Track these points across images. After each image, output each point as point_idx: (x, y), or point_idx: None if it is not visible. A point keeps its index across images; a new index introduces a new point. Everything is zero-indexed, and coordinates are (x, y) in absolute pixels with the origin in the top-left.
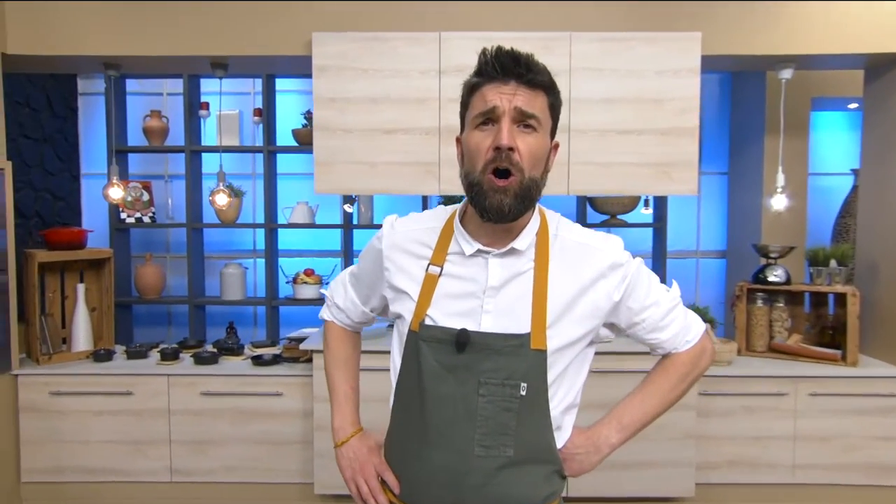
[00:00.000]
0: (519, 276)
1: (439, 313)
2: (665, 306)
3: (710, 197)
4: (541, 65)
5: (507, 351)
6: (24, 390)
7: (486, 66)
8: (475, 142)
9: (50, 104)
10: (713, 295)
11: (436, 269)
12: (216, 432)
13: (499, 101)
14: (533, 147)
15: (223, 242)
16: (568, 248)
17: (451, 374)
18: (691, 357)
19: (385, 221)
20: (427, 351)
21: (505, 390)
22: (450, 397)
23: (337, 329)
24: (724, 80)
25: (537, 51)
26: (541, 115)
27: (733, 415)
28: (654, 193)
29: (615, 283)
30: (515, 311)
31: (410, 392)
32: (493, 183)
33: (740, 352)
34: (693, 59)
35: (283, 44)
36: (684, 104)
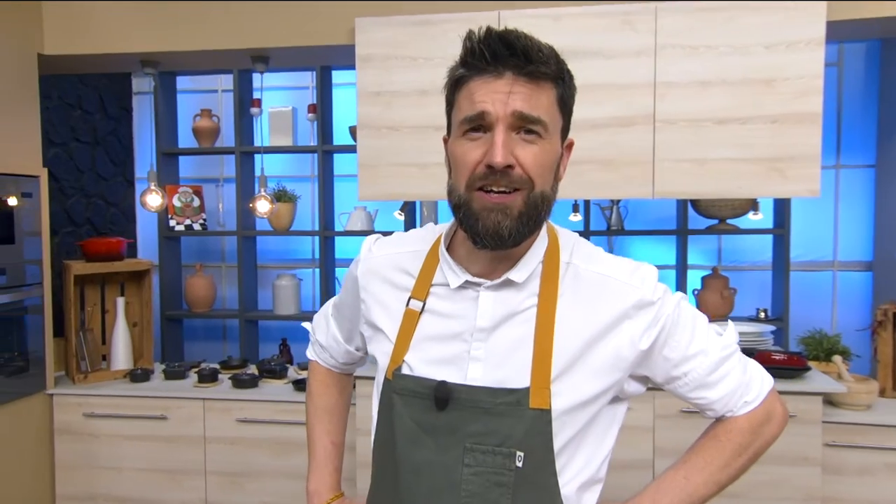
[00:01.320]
0: (517, 315)
1: (418, 359)
2: (714, 356)
3: (851, 196)
4: (545, 48)
5: (500, 410)
6: (60, 411)
7: (473, 56)
8: (461, 152)
9: (103, 105)
10: (855, 318)
11: (417, 303)
12: (254, 463)
13: (490, 105)
14: (539, 158)
15: (279, 251)
16: (583, 279)
17: (430, 436)
18: (752, 423)
19: (364, 243)
20: (401, 407)
21: (496, 459)
22: (427, 466)
23: (321, 370)
24: (871, 51)
25: (614, 27)
26: (547, 118)
27: (872, 474)
28: (762, 195)
29: (643, 326)
30: (512, 360)
31: (385, 455)
32: (485, 200)
33: (883, 393)
34: (816, 27)
35: (326, 33)
36: (804, 84)
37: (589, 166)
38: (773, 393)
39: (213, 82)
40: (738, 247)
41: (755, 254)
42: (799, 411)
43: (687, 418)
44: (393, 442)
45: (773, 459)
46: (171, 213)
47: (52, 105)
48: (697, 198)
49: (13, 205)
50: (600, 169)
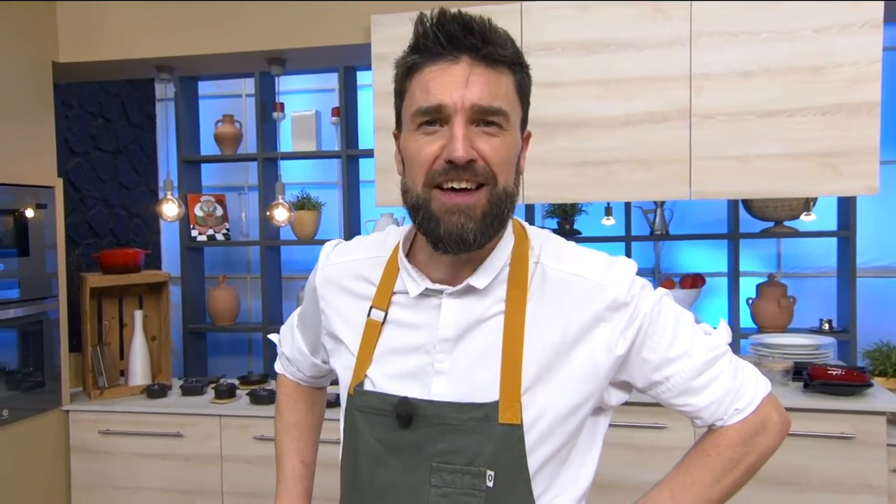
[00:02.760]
0: (483, 323)
1: (380, 374)
2: (700, 359)
3: None
4: (501, 31)
5: (468, 426)
6: (75, 428)
7: (426, 40)
8: (415, 148)
9: (125, 113)
10: None
11: (379, 313)
12: (271, 484)
13: (447, 97)
14: (501, 151)
15: (305, 261)
16: (553, 281)
17: (395, 456)
18: (743, 435)
19: (323, 249)
20: (363, 425)
21: (465, 479)
22: (393, 488)
23: (289, 384)
24: None
25: (645, 16)
26: (508, 107)
27: None
28: (813, 194)
29: (619, 329)
30: (479, 372)
31: (349, 475)
32: (445, 201)
33: None
34: (873, 7)
35: (342, 32)
36: (859, 71)
37: (620, 166)
38: (768, 400)
39: (237, 86)
40: (799, 252)
41: (818, 259)
42: (859, 432)
43: None
44: (356, 462)
45: (830, 487)
46: (193, 222)
47: (73, 114)
48: (740, 198)
49: (29, 216)
50: (633, 169)
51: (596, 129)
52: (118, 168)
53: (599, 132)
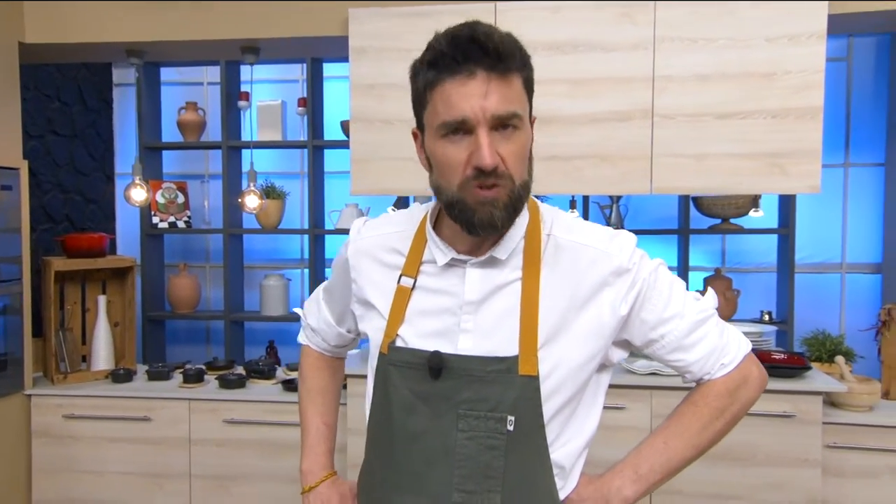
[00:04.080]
0: (504, 288)
1: (411, 333)
2: (691, 319)
3: (861, 195)
4: (507, 40)
5: (491, 377)
6: (37, 412)
7: (444, 58)
8: (446, 155)
9: (82, 97)
10: (863, 322)
11: (408, 280)
12: (240, 466)
13: (469, 111)
14: (518, 149)
15: (267, 250)
16: (564, 250)
17: (426, 404)
18: (728, 387)
19: (353, 225)
20: (397, 378)
21: (488, 424)
22: (423, 433)
23: (313, 354)
24: (882, 45)
25: (612, 19)
26: (520, 108)
27: (875, 476)
28: (762, 191)
29: (622, 292)
30: (500, 331)
31: (381, 426)
32: (478, 196)
33: (888, 395)
34: (817, 20)
35: (319, 23)
36: (804, 79)
37: (586, 161)
38: (749, 357)
39: (199, 74)
40: (742, 248)
41: (760, 255)
42: (799, 411)
43: None
44: (389, 412)
45: (772, 461)
46: (154, 209)
47: (29, 96)
48: (696, 194)
49: None
50: (597, 164)
51: (564, 126)
52: (74, 153)
53: (567, 129)
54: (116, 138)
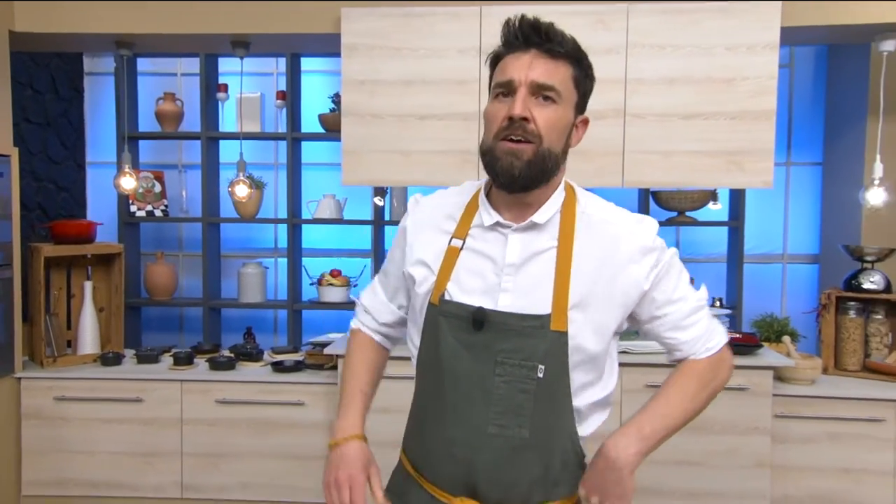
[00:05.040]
0: (541, 255)
1: (457, 289)
2: (691, 305)
3: (800, 192)
4: (565, 35)
5: (526, 332)
6: (27, 395)
7: (509, 37)
8: (492, 111)
9: (55, 85)
10: (802, 308)
11: (458, 241)
12: (232, 445)
13: (516, 74)
14: (552, 118)
15: (241, 239)
16: (596, 226)
17: (469, 351)
18: (711, 364)
19: (410, 200)
20: (446, 327)
21: (522, 371)
22: (466, 374)
23: (362, 336)
24: (820, 55)
25: (590, 25)
26: (560, 87)
27: (816, 442)
28: (722, 186)
29: (647, 269)
30: (536, 292)
31: (429, 367)
32: (504, 146)
33: (826, 370)
34: (771, 32)
35: (311, 20)
36: (760, 84)
37: None
38: (726, 345)
39: (173, 65)
40: (695, 240)
41: (711, 246)
42: (752, 384)
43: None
44: (438, 355)
45: (727, 430)
46: (132, 198)
47: None
48: (663, 188)
49: None
50: (574, 159)
51: None
52: (47, 141)
53: None
54: (88, 127)
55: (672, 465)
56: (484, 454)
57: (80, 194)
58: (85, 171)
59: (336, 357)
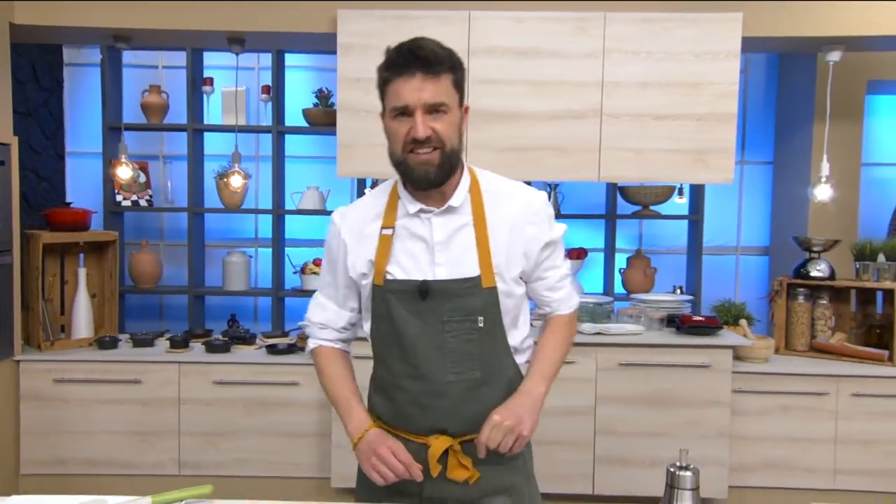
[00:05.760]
0: (461, 230)
1: (398, 269)
2: (564, 271)
3: (753, 189)
4: (441, 52)
5: (464, 292)
6: (26, 377)
7: (395, 64)
8: (394, 130)
9: (36, 75)
10: (753, 296)
11: (388, 230)
12: (228, 423)
13: (409, 99)
14: (447, 125)
15: (222, 230)
16: (500, 198)
17: (418, 318)
18: (571, 319)
19: (334, 214)
20: (395, 301)
21: (465, 325)
22: (420, 337)
23: (324, 351)
24: (771, 62)
25: (569, 31)
26: (448, 99)
27: (770, 414)
28: (688, 181)
29: (543, 227)
30: (464, 260)
31: (386, 339)
32: (415, 158)
33: (778, 350)
34: (733, 41)
35: (307, 20)
36: (723, 89)
37: (545, 152)
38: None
39: (154, 58)
40: (656, 233)
41: (672, 239)
42: (713, 362)
43: (624, 370)
44: (393, 326)
45: (691, 404)
46: (118, 188)
47: None
48: (637, 182)
49: None
50: (555, 155)
51: (527, 122)
52: (29, 131)
53: (529, 124)
54: (67, 117)
55: (642, 437)
56: (447, 399)
57: (60, 184)
58: (65, 161)
59: None
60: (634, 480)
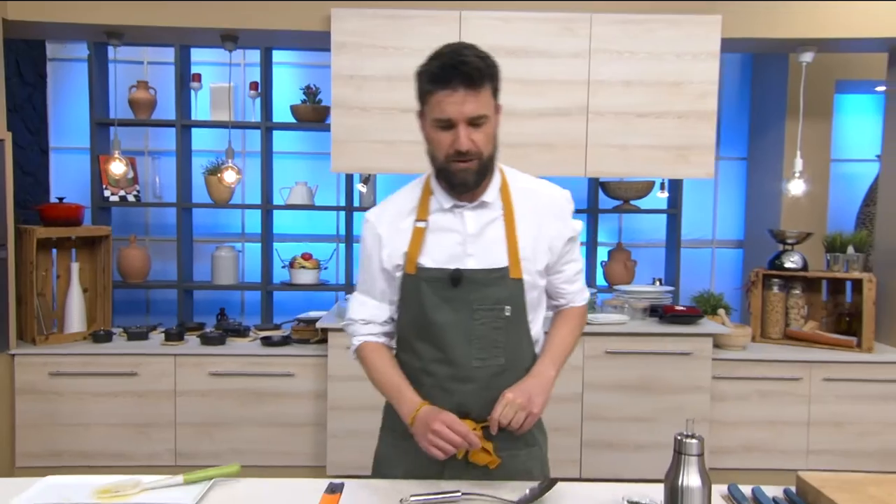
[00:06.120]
0: (492, 224)
1: (430, 259)
2: (580, 266)
3: (728, 184)
4: (482, 65)
5: (492, 282)
6: (22, 371)
7: (436, 77)
8: (437, 139)
9: (19, 70)
10: (729, 285)
11: (422, 223)
12: (224, 414)
13: (452, 114)
14: (486, 135)
15: (208, 225)
16: (528, 195)
17: (449, 304)
18: (583, 311)
19: (367, 216)
20: (427, 288)
21: (493, 313)
22: (450, 322)
23: (370, 346)
24: (745, 62)
25: (557, 32)
26: (488, 111)
27: (747, 399)
28: (671, 176)
29: (567, 224)
30: (494, 252)
31: (416, 325)
32: (457, 167)
33: (755, 338)
34: (713, 42)
35: (301, 18)
36: (703, 88)
37: (533, 148)
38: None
39: (139, 54)
40: (635, 226)
41: (651, 233)
42: (695, 350)
43: (610, 358)
44: (423, 311)
45: (674, 389)
46: (106, 183)
47: None
48: (622, 177)
49: None
50: (543, 151)
51: (516, 119)
52: (13, 126)
53: (518, 121)
54: (51, 113)
55: (628, 422)
56: (472, 384)
57: (45, 179)
58: (48, 157)
59: (326, 331)
60: (620, 464)
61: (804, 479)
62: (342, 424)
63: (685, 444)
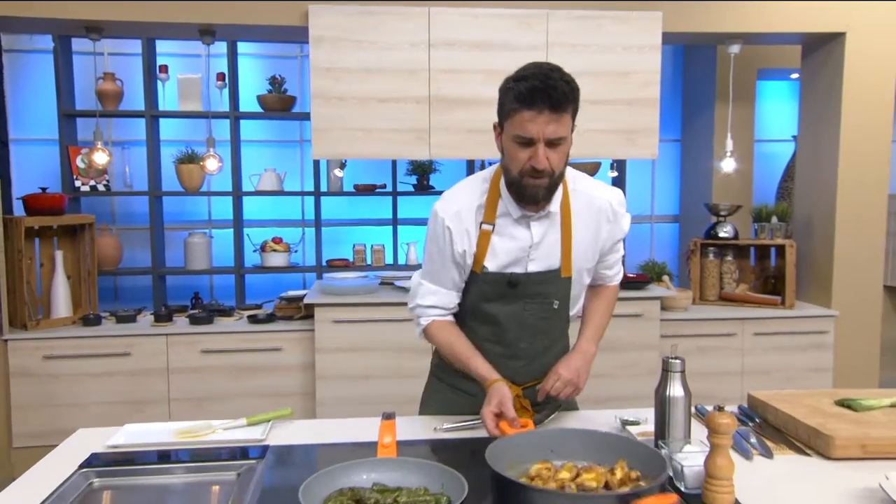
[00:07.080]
0: (551, 229)
1: (494, 263)
2: (620, 253)
3: (664, 163)
4: (567, 90)
5: (546, 281)
6: (15, 355)
7: (522, 98)
8: (515, 154)
9: None
10: (666, 257)
11: (488, 226)
12: (216, 388)
13: (534, 133)
14: (561, 156)
15: (176, 213)
16: (585, 199)
17: (503, 299)
18: (616, 290)
19: (436, 207)
20: (486, 287)
21: (543, 306)
22: (503, 313)
23: (438, 323)
24: (677, 53)
25: (517, 27)
26: (566, 132)
27: (690, 354)
28: (620, 157)
29: (617, 226)
30: (551, 256)
31: (473, 308)
32: (529, 182)
33: (695, 301)
34: (655, 36)
35: (278, 13)
36: (647, 77)
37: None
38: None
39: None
40: None
41: None
42: (644, 311)
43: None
44: (480, 301)
45: (627, 347)
46: (76, 173)
47: None
48: (579, 159)
49: None
50: None
51: (483, 106)
52: None
53: (485, 108)
54: (9, 104)
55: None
56: (519, 360)
57: (5, 170)
58: (8, 148)
59: (312, 306)
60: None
61: (754, 396)
62: (331, 392)
63: (671, 364)
